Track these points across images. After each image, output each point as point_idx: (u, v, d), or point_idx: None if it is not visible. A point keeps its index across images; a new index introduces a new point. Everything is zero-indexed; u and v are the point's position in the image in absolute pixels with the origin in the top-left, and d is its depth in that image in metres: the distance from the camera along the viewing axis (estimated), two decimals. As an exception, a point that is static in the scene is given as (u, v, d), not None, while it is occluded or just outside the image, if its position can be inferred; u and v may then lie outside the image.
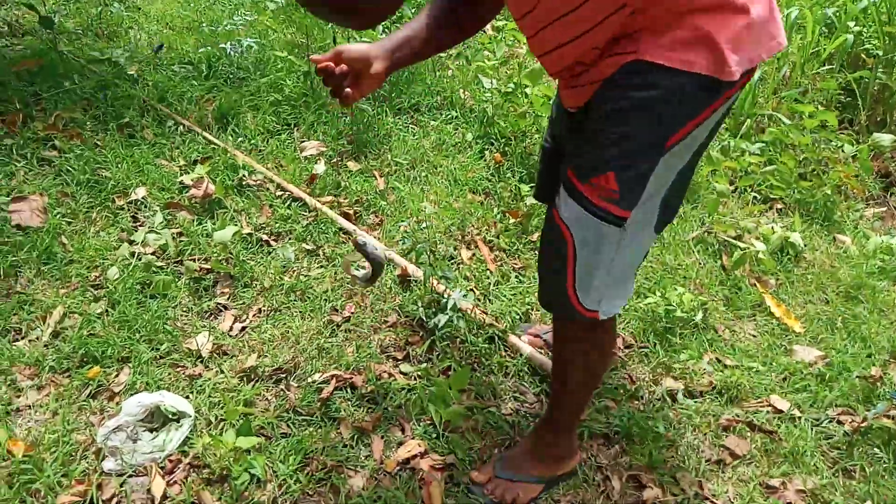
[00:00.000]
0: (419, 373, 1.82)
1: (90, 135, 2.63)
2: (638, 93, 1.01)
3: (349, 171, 2.64)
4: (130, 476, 1.51)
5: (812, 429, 1.76)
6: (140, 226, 2.27)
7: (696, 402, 1.82)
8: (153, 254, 2.15)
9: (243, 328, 1.96)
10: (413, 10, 3.45)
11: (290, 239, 2.30)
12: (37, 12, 2.95)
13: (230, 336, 1.92)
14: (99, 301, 1.97)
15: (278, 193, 2.47)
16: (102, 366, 1.77)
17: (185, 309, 1.99)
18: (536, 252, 2.28)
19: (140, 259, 2.10)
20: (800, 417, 1.79)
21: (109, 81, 2.95)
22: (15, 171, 2.42)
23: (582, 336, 1.33)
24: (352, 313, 2.02)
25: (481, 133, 2.94)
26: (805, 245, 2.46)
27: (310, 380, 1.78)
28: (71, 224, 2.23)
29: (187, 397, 1.71)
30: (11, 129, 2.59)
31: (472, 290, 2.08)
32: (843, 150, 2.85)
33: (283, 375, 1.81)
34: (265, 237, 2.28)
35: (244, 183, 2.48)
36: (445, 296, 1.94)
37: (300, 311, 2.01)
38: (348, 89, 1.17)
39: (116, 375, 1.75)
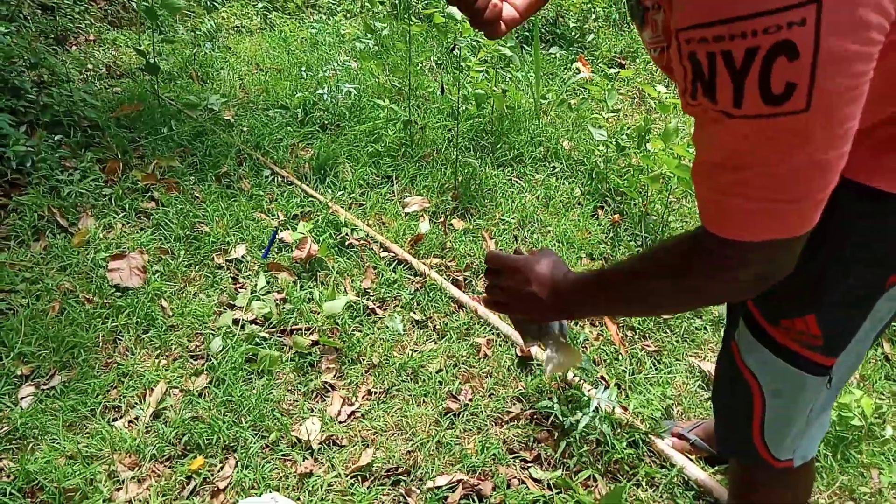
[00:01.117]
0: (554, 480, 1.60)
1: (188, 185, 2.53)
2: (856, 224, 0.79)
3: (455, 229, 2.46)
4: None
5: None
6: (241, 288, 2.14)
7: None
8: (255, 321, 2.01)
9: (353, 413, 1.78)
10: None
11: (396, 307, 2.13)
12: (144, 57, 2.91)
13: (339, 422, 1.74)
14: (200, 375, 1.83)
15: (382, 254, 2.31)
16: (206, 455, 1.61)
17: (290, 387, 1.83)
18: (674, 337, 2.04)
19: (243, 328, 1.96)
20: None
21: (205, 128, 2.88)
22: (113, 223, 2.33)
23: (771, 482, 1.09)
24: (469, 400, 1.82)
25: (591, 188, 2.73)
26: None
27: (431, 484, 1.58)
28: (170, 284, 2.12)
29: (298, 499, 1.53)
30: (111, 179, 2.52)
31: (611, 382, 1.85)
32: None
33: (401, 476, 1.61)
34: (371, 304, 2.11)
35: (346, 242, 2.32)
36: (583, 391, 1.72)
37: (413, 395, 1.82)
38: (496, 2, 0.93)
39: (221, 468, 1.59)
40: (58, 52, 3.45)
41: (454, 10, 2.38)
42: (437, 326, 2.06)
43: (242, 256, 2.25)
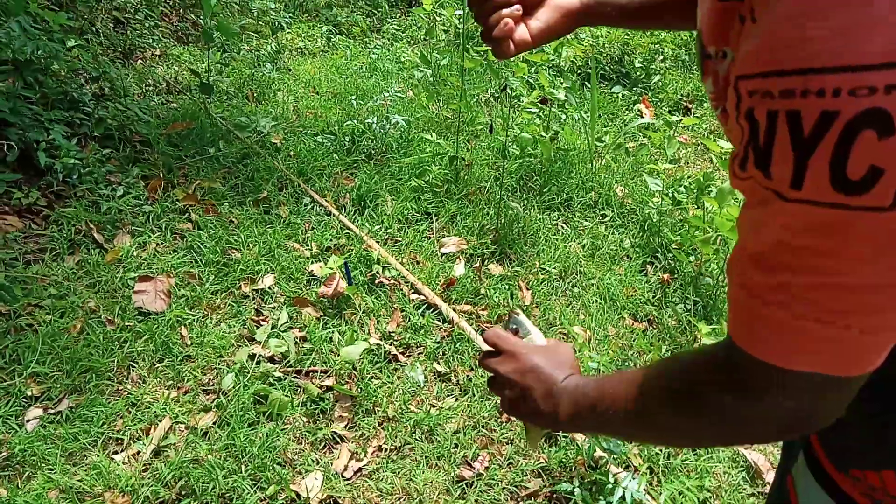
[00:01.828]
0: (568, 574, 1.44)
1: (226, 209, 2.51)
2: None
3: (491, 275, 2.34)
4: None
5: None
6: (263, 321, 2.07)
7: None
8: (272, 359, 1.93)
9: (360, 470, 1.67)
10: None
11: (420, 355, 2.02)
12: (198, 77, 2.93)
13: (344, 479, 1.64)
14: (209, 412, 1.76)
15: (412, 296, 2.21)
16: (201, 502, 1.53)
17: (298, 435, 1.73)
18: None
19: (258, 364, 1.89)
20: None
21: (252, 150, 2.86)
22: (148, 241, 2.32)
23: None
24: (485, 468, 1.69)
25: (642, 241, 2.57)
26: None
27: (433, 561, 1.45)
28: (193, 311, 2.07)
29: (288, 563, 1.42)
30: (152, 196, 2.52)
31: (643, 467, 1.68)
32: None
33: (402, 549, 1.49)
34: (393, 350, 2.01)
35: (377, 280, 2.24)
36: (610, 476, 1.56)
37: (426, 456, 1.70)
38: (509, 21, 0.79)
39: (214, 519, 1.51)
40: (123, 66, 3.53)
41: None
42: (461, 381, 1.93)
43: (269, 287, 2.19)
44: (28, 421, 1.68)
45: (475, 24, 0.92)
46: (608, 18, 0.90)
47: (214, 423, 1.72)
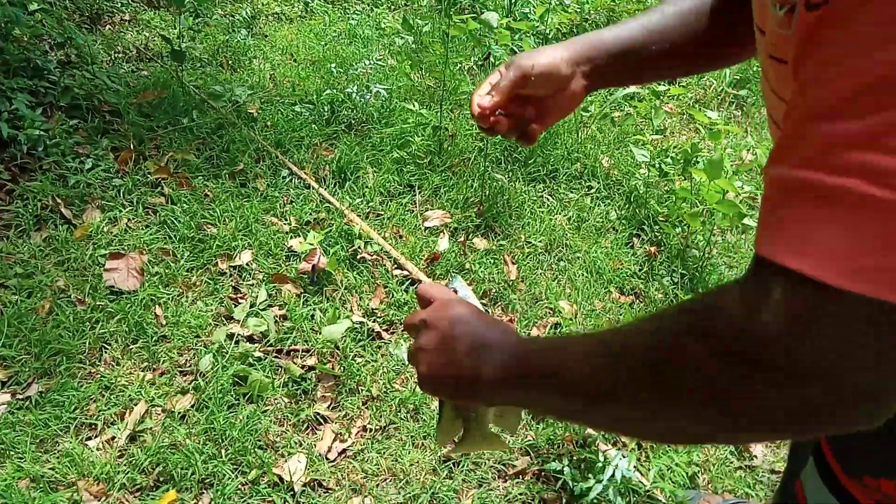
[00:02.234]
0: (557, 553, 1.43)
1: (201, 182, 2.41)
2: None
3: (476, 249, 2.29)
4: None
5: None
6: (241, 299, 2.01)
7: None
8: (251, 338, 1.87)
9: (344, 451, 1.63)
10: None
11: (404, 332, 1.97)
12: (169, 44, 2.80)
13: (328, 461, 1.60)
14: (186, 394, 1.70)
15: (395, 272, 2.15)
16: (180, 489, 1.48)
17: (280, 416, 1.69)
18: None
19: (237, 344, 1.83)
20: None
21: (227, 120, 2.76)
22: (119, 217, 2.23)
23: None
24: (473, 447, 1.65)
25: (628, 214, 2.53)
26: None
27: (420, 544, 1.43)
28: (168, 289, 2.00)
29: (272, 549, 1.39)
30: (123, 169, 2.42)
31: (632, 443, 1.66)
32: None
33: (388, 532, 1.46)
34: (377, 327, 1.96)
35: (359, 256, 2.17)
36: (599, 453, 1.53)
37: (412, 436, 1.67)
38: (534, 126, 0.79)
39: (194, 504, 1.46)
40: (90, 32, 3.38)
41: (492, 17, 2.20)
42: (446, 358, 1.89)
43: (247, 263, 2.12)
44: (-4, 406, 1.61)
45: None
46: (633, 72, 0.81)
47: (192, 406, 1.67)
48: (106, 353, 1.79)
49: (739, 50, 0.79)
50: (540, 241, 2.35)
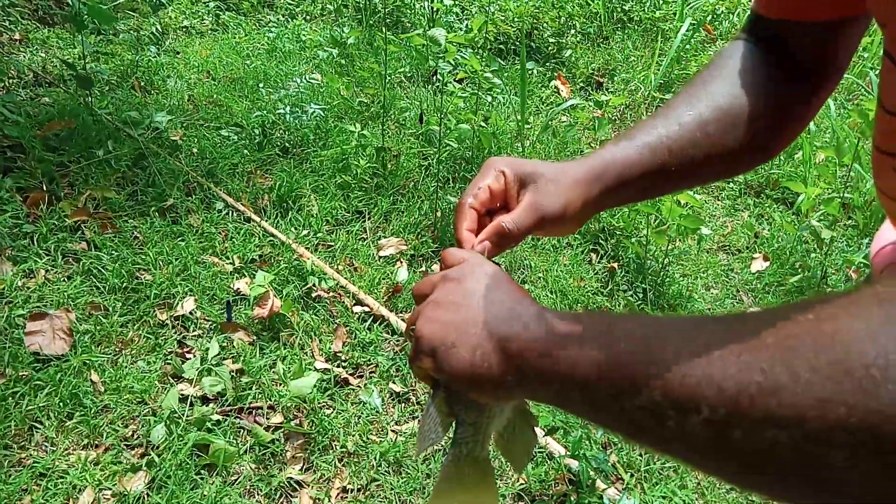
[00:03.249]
0: None
1: (126, 222, 2.18)
2: None
3: (435, 277, 2.19)
4: None
5: None
6: (189, 353, 1.82)
7: None
8: (205, 399, 1.69)
9: (326, 519, 1.49)
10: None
11: (373, 376, 1.84)
12: (74, 70, 2.53)
13: (310, 532, 1.46)
14: (138, 472, 1.51)
15: (355, 308, 2.02)
16: (144, 588, 1.30)
17: (249, 487, 1.52)
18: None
19: (191, 407, 1.64)
20: None
21: (148, 150, 2.52)
22: (35, 268, 1.97)
23: None
24: (464, 497, 1.55)
25: (582, 228, 2.50)
26: None
27: None
28: (102, 348, 1.78)
29: None
30: (34, 213, 2.15)
31: (626, 476, 1.61)
32: None
33: None
34: (343, 373, 1.82)
35: (314, 295, 2.02)
36: (597, 493, 1.47)
37: (397, 493, 1.55)
38: (507, 225, 0.60)
39: None
40: (-25, 55, 3.02)
41: (439, 33, 2.10)
42: (421, 401, 1.78)
43: (191, 312, 1.93)
44: None
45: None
46: (637, 193, 0.63)
47: (148, 487, 1.47)
48: (37, 433, 1.56)
49: (802, 123, 0.66)
50: (500, 263, 2.27)
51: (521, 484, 1.59)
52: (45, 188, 2.23)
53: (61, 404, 1.61)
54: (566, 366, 0.38)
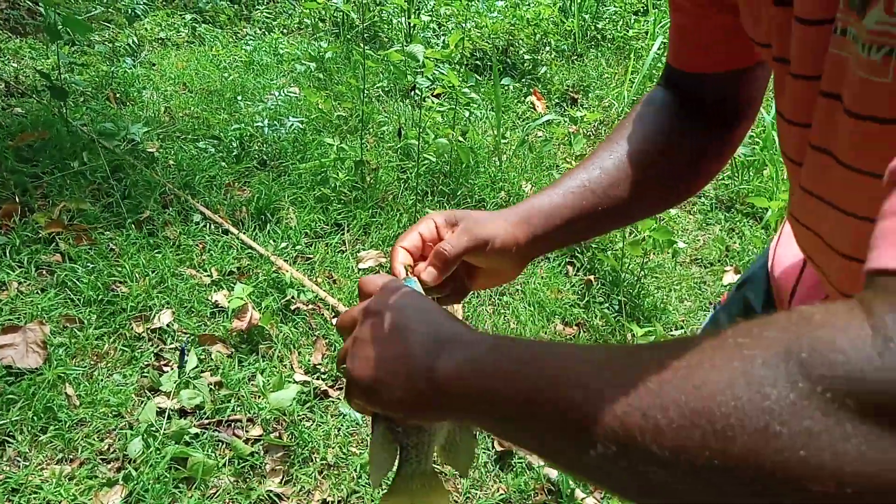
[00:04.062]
0: None
1: (101, 234, 2.16)
2: None
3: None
4: None
5: None
6: (166, 366, 1.80)
7: None
8: (182, 412, 1.68)
9: (306, 531, 1.49)
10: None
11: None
12: (49, 80, 2.50)
13: (290, 545, 1.45)
14: (114, 486, 1.49)
15: (334, 321, 2.02)
16: None
17: (228, 500, 1.51)
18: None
19: (169, 421, 1.63)
20: None
21: (124, 161, 2.50)
22: (7, 281, 1.94)
23: None
24: (444, 508, 1.56)
25: (558, 241, 2.54)
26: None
27: None
28: (77, 361, 1.76)
29: None
30: (6, 225, 2.12)
31: (605, 494, 1.63)
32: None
33: None
34: (323, 386, 1.82)
35: (293, 307, 2.02)
36: (575, 499, 1.49)
37: (377, 504, 1.55)
38: (466, 282, 0.67)
39: None
40: (-55, 64, 2.97)
41: (417, 49, 2.14)
42: (401, 412, 1.79)
43: (168, 325, 1.91)
44: None
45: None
46: (573, 234, 0.68)
47: (125, 501, 1.45)
48: (10, 447, 1.53)
49: (719, 161, 0.72)
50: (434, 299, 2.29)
51: (502, 494, 1.61)
52: (17, 200, 2.20)
53: (35, 418, 1.58)
54: (480, 392, 0.40)
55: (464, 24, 4.11)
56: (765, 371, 0.28)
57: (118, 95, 3.16)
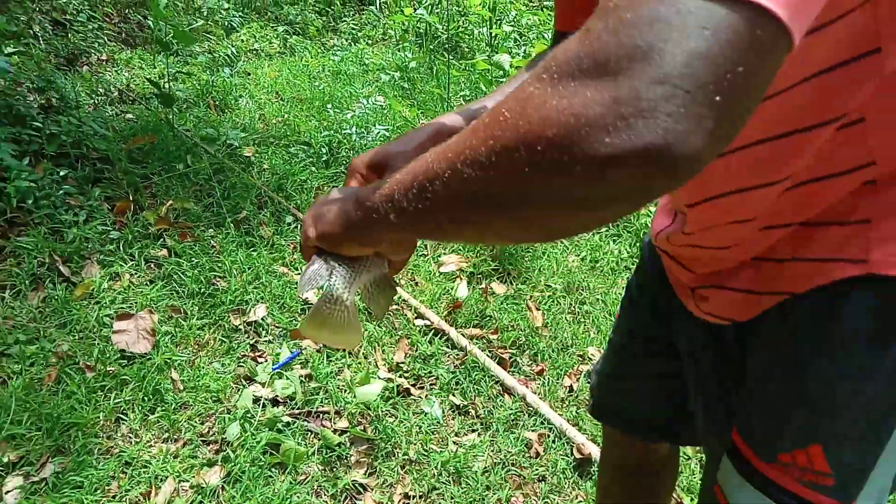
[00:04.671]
0: None
1: (203, 231, 2.31)
2: (864, 330, 0.59)
3: (495, 294, 2.24)
4: None
5: None
6: (261, 357, 1.91)
7: None
8: (277, 400, 1.77)
9: (389, 522, 1.55)
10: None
11: (434, 387, 1.90)
12: (157, 88, 2.70)
13: (374, 534, 1.51)
14: (214, 466, 1.59)
15: (416, 322, 2.09)
16: (220, 576, 1.37)
17: (316, 487, 1.59)
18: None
19: (263, 409, 1.73)
20: None
21: (223, 164, 2.66)
22: (120, 273, 2.11)
23: None
24: (522, 509, 1.59)
25: (640, 251, 2.52)
26: None
27: None
28: (181, 348, 1.89)
29: None
30: (120, 221, 2.30)
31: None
32: None
33: None
34: (405, 384, 1.89)
35: (378, 307, 2.10)
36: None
37: (457, 501, 1.59)
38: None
39: None
40: (67, 74, 3.24)
41: (504, 58, 2.18)
42: (481, 414, 1.83)
43: (262, 318, 2.02)
44: (7, 493, 1.47)
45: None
46: None
47: (223, 480, 1.56)
48: (123, 424, 1.66)
49: None
50: (558, 284, 2.31)
51: (580, 500, 1.62)
52: (130, 198, 2.38)
53: (145, 399, 1.72)
54: (390, 195, 0.49)
55: (546, 35, 4.14)
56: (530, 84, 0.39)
57: (217, 103, 3.36)
